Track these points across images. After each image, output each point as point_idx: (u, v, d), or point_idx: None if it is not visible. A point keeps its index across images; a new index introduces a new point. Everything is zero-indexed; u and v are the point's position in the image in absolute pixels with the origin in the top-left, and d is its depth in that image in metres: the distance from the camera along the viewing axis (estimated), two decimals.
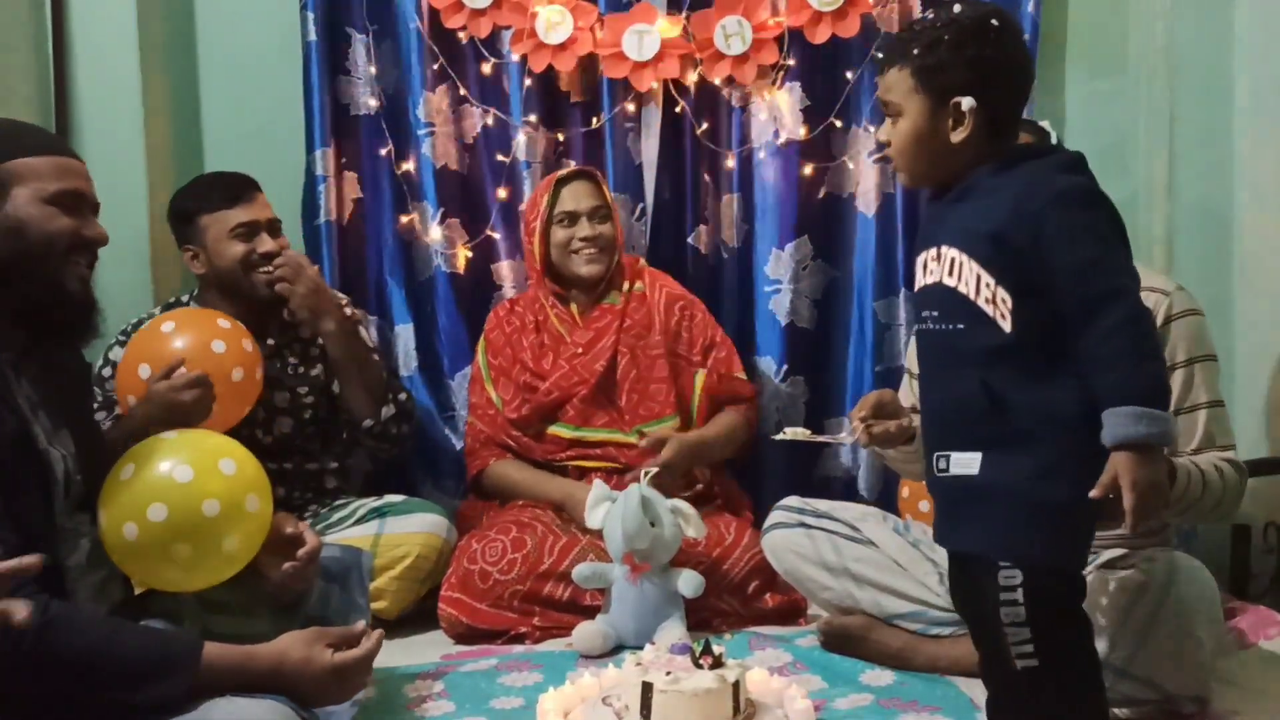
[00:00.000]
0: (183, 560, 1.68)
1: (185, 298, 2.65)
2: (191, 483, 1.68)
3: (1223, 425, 2.00)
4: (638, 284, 2.81)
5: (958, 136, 1.57)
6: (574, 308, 2.78)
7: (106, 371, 2.53)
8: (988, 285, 1.53)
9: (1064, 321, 1.49)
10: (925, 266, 1.62)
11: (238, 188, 2.55)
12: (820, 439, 2.19)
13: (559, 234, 2.73)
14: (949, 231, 1.59)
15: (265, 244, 2.53)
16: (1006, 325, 1.52)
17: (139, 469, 1.69)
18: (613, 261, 2.76)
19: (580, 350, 2.73)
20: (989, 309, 1.53)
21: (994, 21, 1.57)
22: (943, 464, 1.58)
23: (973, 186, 1.58)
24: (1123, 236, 1.53)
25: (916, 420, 1.86)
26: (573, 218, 2.72)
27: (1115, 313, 1.45)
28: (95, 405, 2.47)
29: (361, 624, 1.74)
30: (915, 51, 1.59)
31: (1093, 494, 1.45)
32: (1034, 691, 1.55)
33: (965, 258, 1.55)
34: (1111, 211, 1.53)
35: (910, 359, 2.24)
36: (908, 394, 2.18)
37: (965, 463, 1.55)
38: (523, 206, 2.97)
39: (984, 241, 1.54)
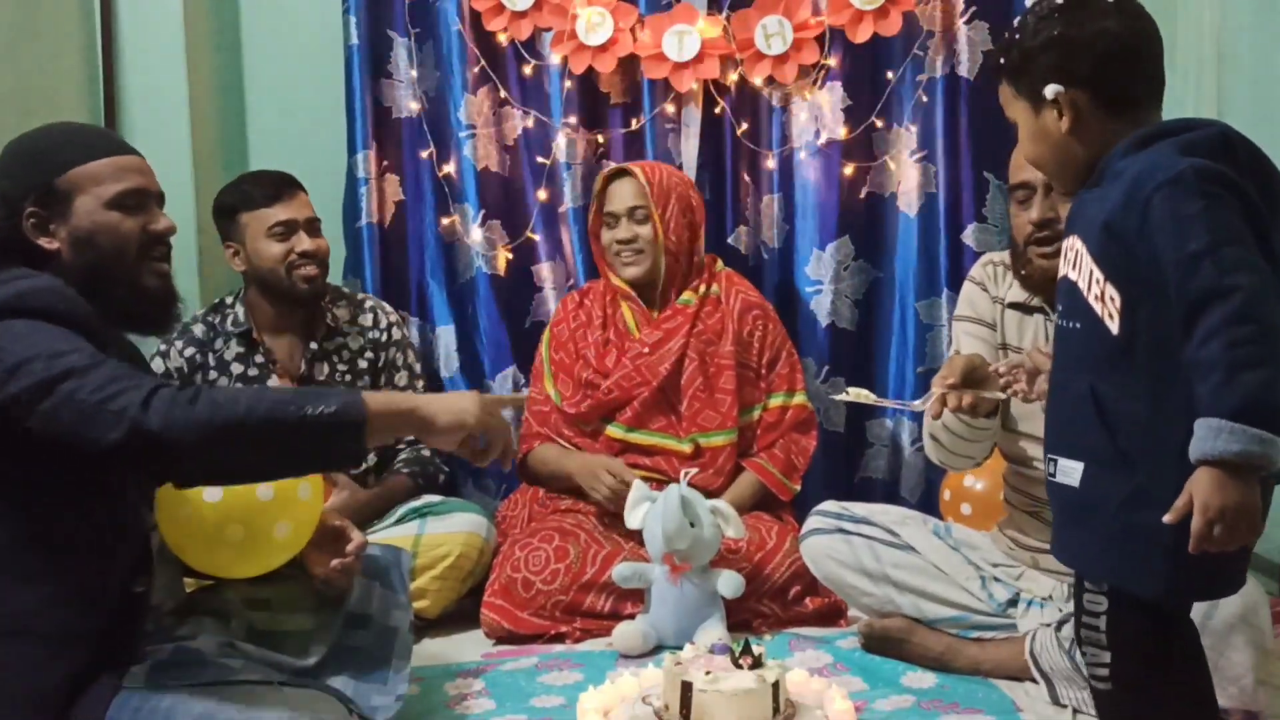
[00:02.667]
0: (235, 543, 1.69)
1: (230, 299, 2.67)
2: None
3: None
4: (714, 287, 2.74)
5: (1065, 126, 1.51)
6: (641, 305, 2.72)
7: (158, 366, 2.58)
8: (1098, 281, 1.44)
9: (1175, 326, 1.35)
10: (1064, 256, 1.54)
11: (278, 185, 2.56)
12: (885, 403, 2.14)
13: (605, 235, 2.71)
14: (1076, 219, 1.51)
15: (303, 243, 2.54)
16: (1114, 326, 1.41)
17: None
18: (656, 262, 2.68)
19: (647, 350, 2.67)
20: (1098, 306, 1.44)
21: (1058, 1, 1.52)
22: (1052, 468, 1.51)
23: (1104, 171, 1.49)
24: (1250, 227, 1.35)
25: (999, 392, 1.81)
26: (614, 218, 2.68)
27: (1217, 313, 1.29)
28: None
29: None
30: (1001, 61, 1.57)
31: (1166, 518, 1.33)
32: (1105, 714, 1.52)
33: (1084, 249, 1.47)
34: (1237, 198, 1.35)
35: (963, 342, 2.23)
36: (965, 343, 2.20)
37: (1068, 471, 1.47)
38: (564, 207, 2.99)
39: (1099, 231, 1.44)
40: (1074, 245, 1.49)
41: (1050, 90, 1.50)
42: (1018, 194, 2.12)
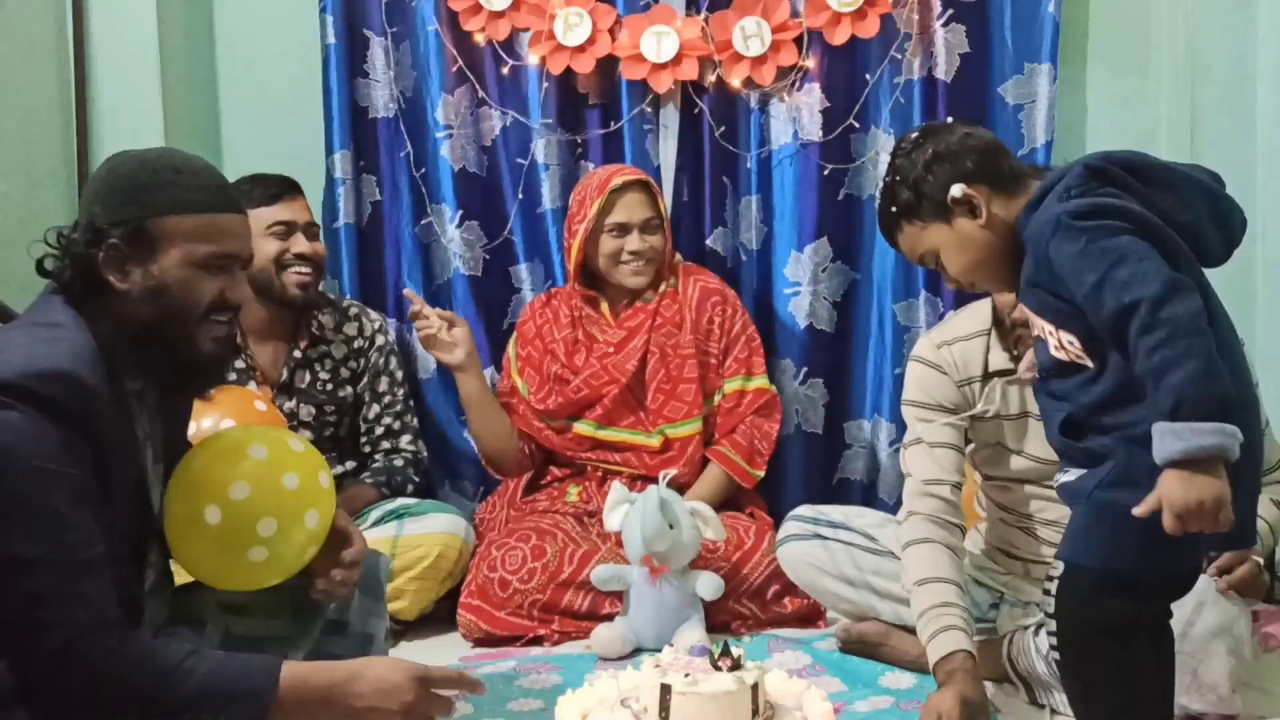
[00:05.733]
0: (268, 539, 1.61)
1: None
2: (268, 458, 1.64)
3: (1270, 441, 1.98)
4: (671, 281, 2.76)
5: (983, 221, 1.61)
6: (604, 308, 2.75)
7: None
8: (1051, 333, 1.55)
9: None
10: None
11: (278, 187, 2.57)
12: None
13: (609, 243, 2.67)
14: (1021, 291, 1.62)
15: (299, 244, 2.54)
16: (1088, 363, 1.52)
17: (209, 457, 1.65)
18: (659, 271, 2.72)
19: (612, 349, 2.70)
20: (1061, 355, 1.55)
21: (911, 135, 1.69)
22: (1062, 477, 1.61)
23: (1024, 244, 1.59)
24: (1133, 242, 1.43)
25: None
26: (624, 229, 2.66)
27: (1133, 330, 1.39)
28: None
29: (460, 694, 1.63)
30: (893, 209, 1.68)
31: (1136, 511, 1.39)
32: (1061, 678, 1.60)
33: (1031, 312, 1.59)
34: (1112, 220, 1.45)
35: (924, 430, 2.11)
36: (929, 465, 2.08)
37: (1071, 474, 1.58)
38: (542, 208, 2.97)
39: (1030, 294, 1.57)
40: (1024, 311, 1.62)
41: (958, 189, 1.61)
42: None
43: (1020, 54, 2.87)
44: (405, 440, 2.71)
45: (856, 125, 2.94)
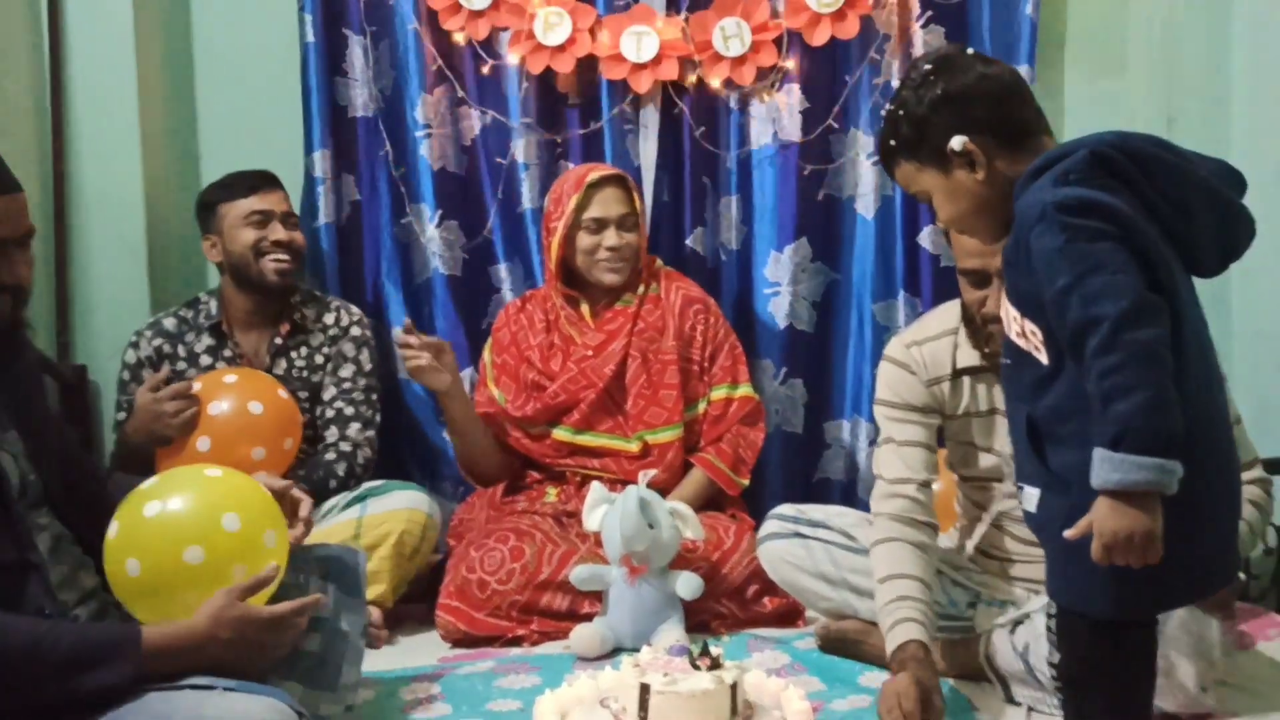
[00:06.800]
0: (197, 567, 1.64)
1: (205, 295, 2.72)
2: (239, 532, 1.66)
3: (1243, 439, 1.99)
4: (653, 285, 2.75)
5: (980, 176, 1.54)
6: (585, 309, 2.74)
7: (125, 375, 2.63)
8: (1016, 319, 1.49)
9: None
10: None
11: (257, 179, 2.66)
12: None
13: (585, 240, 2.66)
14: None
15: (277, 232, 2.62)
16: (1043, 358, 1.46)
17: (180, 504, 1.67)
18: (634, 269, 2.71)
19: (590, 353, 2.68)
20: (1021, 342, 1.49)
21: (925, 66, 1.57)
22: (1019, 497, 1.57)
23: (1015, 213, 1.51)
24: (1114, 250, 1.36)
25: None
26: (601, 224, 2.65)
27: (1088, 346, 1.33)
28: (121, 412, 2.60)
29: (273, 565, 1.67)
30: (893, 143, 1.60)
31: (1066, 534, 1.38)
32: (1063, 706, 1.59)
33: (1002, 290, 1.53)
34: (1098, 222, 1.38)
35: (894, 430, 2.11)
36: (897, 465, 2.08)
37: (1029, 498, 1.52)
38: (521, 207, 2.96)
39: (1006, 270, 1.50)
40: (999, 287, 1.55)
41: (957, 142, 1.52)
42: (969, 277, 2.02)
43: (998, 55, 2.85)
44: (354, 429, 2.64)
45: (836, 126, 2.95)
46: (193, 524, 1.65)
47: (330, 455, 2.61)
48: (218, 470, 1.77)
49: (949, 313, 2.14)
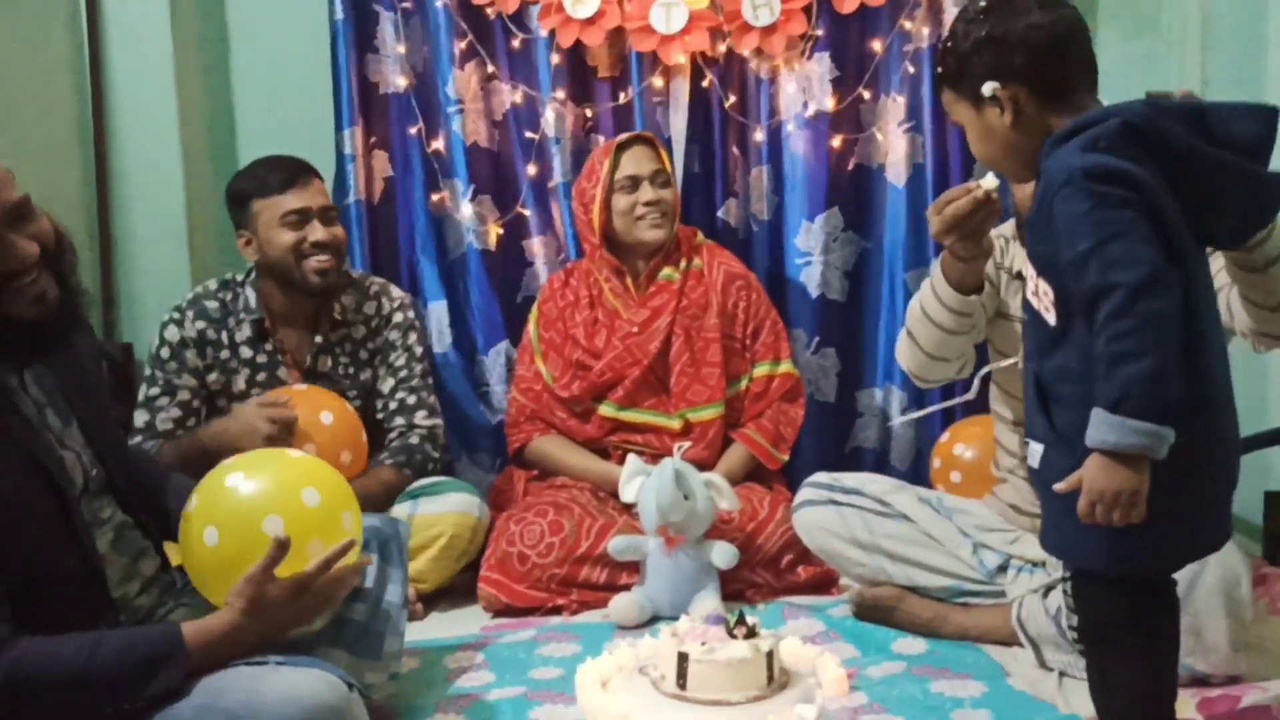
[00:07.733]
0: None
1: (239, 278, 2.59)
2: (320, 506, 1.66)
3: None
4: (695, 260, 2.76)
5: (1008, 121, 1.56)
6: (629, 281, 2.75)
7: (165, 353, 2.52)
8: (1031, 276, 1.51)
9: None
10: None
11: (292, 172, 2.50)
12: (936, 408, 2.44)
13: (621, 200, 2.68)
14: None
15: (316, 232, 2.49)
16: (1051, 318, 1.48)
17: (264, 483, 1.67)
18: (674, 228, 2.72)
19: (636, 330, 2.70)
20: (1034, 300, 1.51)
21: (981, 3, 1.58)
22: (1026, 451, 1.59)
23: (1041, 169, 1.53)
24: (1145, 216, 1.39)
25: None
26: (635, 182, 2.67)
27: (1103, 309, 1.37)
28: (156, 389, 2.51)
29: (350, 539, 1.68)
30: (940, 70, 1.64)
31: (1056, 487, 1.43)
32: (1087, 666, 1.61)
33: (1020, 246, 1.54)
34: (1128, 189, 1.39)
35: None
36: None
37: (1034, 453, 1.54)
38: (553, 181, 2.98)
39: (1029, 229, 1.53)
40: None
41: (988, 88, 1.55)
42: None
43: None
44: (420, 416, 2.63)
45: (866, 95, 2.94)
46: (274, 495, 1.64)
47: (414, 438, 2.60)
48: (298, 452, 1.80)
49: (1004, 221, 2.17)
